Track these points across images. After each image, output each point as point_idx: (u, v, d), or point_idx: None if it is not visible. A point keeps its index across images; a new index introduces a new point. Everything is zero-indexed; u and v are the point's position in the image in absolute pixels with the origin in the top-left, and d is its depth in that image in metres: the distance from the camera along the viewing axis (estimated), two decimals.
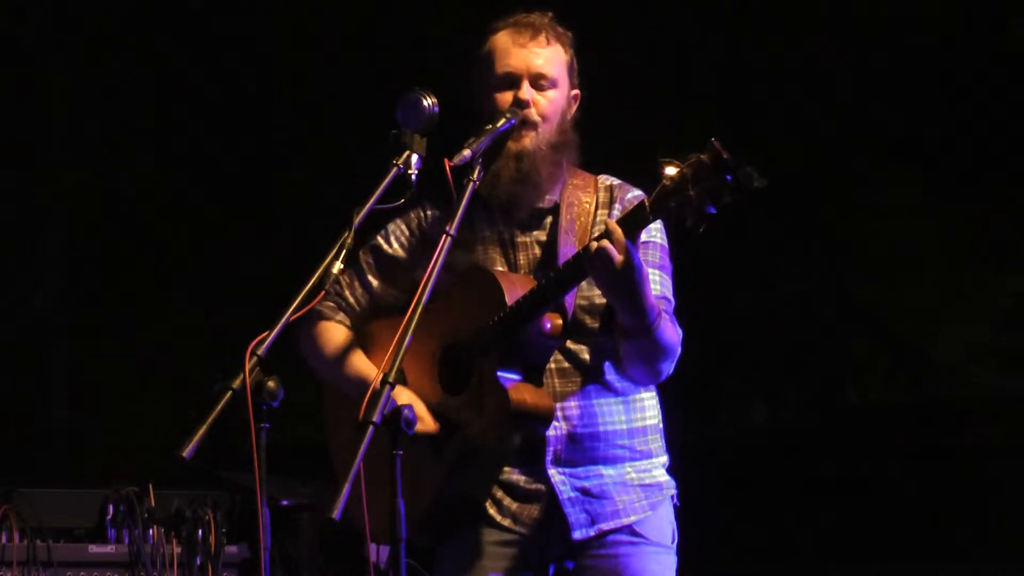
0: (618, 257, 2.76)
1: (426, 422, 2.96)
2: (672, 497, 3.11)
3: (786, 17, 7.60)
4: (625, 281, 2.79)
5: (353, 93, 7.45)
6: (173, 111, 7.91)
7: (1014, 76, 7.49)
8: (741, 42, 7.71)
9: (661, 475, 3.10)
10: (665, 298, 3.06)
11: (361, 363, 3.12)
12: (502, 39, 3.09)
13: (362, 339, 3.18)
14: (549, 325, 2.92)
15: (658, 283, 3.05)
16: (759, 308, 8.42)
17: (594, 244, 2.78)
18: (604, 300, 2.97)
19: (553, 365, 3.00)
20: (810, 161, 7.88)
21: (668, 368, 3.01)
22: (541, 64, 3.06)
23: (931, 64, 7.73)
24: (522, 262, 3.08)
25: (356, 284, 3.20)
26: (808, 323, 8.71)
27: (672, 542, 3.09)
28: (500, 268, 3.06)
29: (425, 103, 2.92)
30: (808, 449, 8.28)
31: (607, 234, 2.78)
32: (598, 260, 2.78)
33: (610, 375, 3.03)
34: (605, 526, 2.99)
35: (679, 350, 3.01)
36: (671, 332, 2.97)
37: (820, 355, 8.96)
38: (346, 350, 3.16)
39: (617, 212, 3.07)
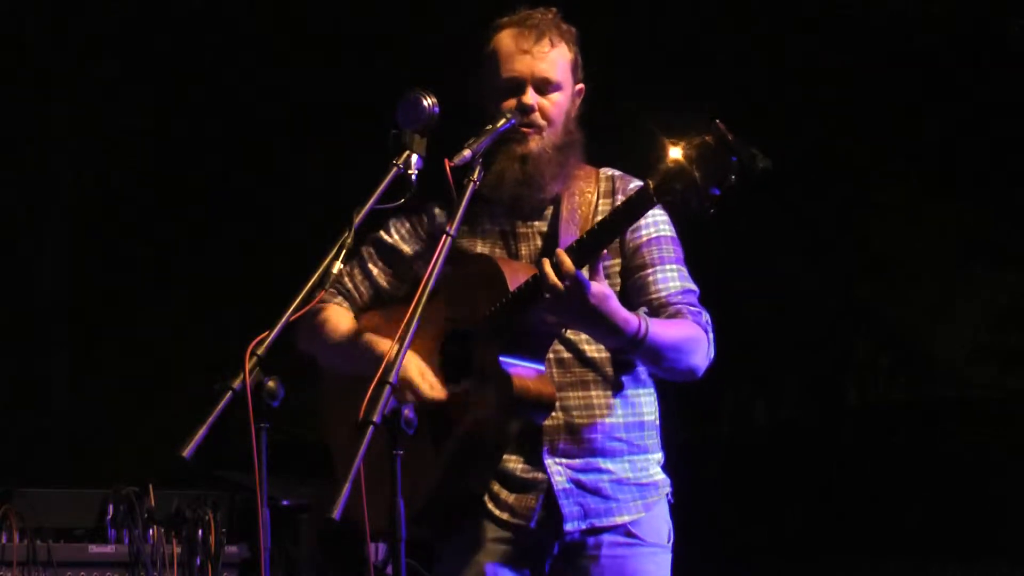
0: (561, 288, 2.72)
1: (436, 390, 2.92)
2: (667, 495, 3.11)
3: (785, 16, 7.60)
4: (582, 311, 2.76)
5: (353, 93, 7.45)
6: (172, 111, 7.91)
7: (1013, 76, 7.48)
8: (741, 41, 7.71)
9: (657, 473, 3.09)
10: (688, 290, 3.04)
11: (375, 339, 3.06)
12: (506, 41, 3.07)
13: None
14: None
15: (676, 277, 3.04)
16: (760, 308, 8.41)
17: (548, 272, 2.72)
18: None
19: (552, 355, 2.99)
20: (810, 161, 7.87)
21: (697, 361, 2.97)
22: (545, 68, 3.05)
23: (931, 64, 7.73)
24: (523, 252, 3.08)
25: (356, 272, 3.19)
26: (808, 323, 8.70)
27: (668, 541, 3.08)
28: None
29: (425, 103, 2.91)
30: (808, 449, 8.28)
31: (555, 265, 2.74)
32: (549, 294, 2.73)
33: (608, 368, 3.03)
34: (597, 523, 2.99)
35: (705, 339, 2.98)
36: (679, 329, 2.95)
37: (820, 355, 8.95)
38: (355, 330, 3.13)
39: (620, 202, 3.05)
